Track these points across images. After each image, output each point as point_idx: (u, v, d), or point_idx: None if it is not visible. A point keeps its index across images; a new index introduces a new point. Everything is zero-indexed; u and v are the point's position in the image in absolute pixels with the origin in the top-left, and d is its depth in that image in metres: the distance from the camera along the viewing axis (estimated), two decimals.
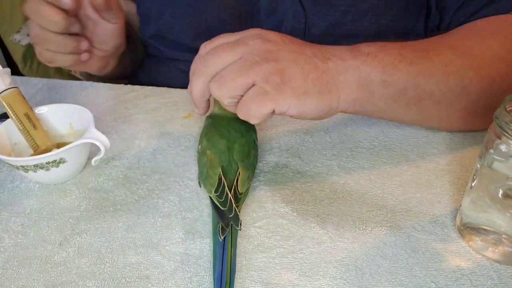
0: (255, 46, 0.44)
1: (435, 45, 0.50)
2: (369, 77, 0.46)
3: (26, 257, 0.43)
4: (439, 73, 0.48)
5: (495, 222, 0.40)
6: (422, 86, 0.48)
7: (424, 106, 0.50)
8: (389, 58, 0.46)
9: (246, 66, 0.42)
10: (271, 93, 0.42)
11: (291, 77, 0.43)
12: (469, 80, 0.49)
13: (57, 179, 0.50)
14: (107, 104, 0.65)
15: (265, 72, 0.42)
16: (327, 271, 0.40)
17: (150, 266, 0.41)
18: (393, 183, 0.49)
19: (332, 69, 0.45)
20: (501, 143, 0.37)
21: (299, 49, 0.45)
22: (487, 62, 0.50)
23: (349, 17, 0.60)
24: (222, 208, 0.43)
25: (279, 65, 0.43)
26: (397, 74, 0.46)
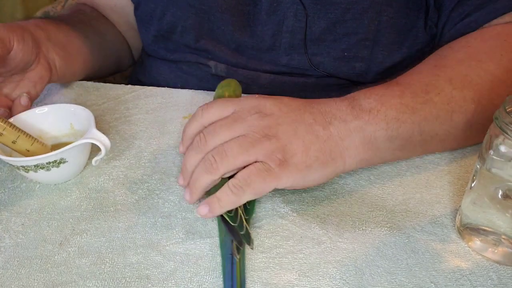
0: (253, 122, 0.43)
1: (433, 82, 0.49)
2: (374, 136, 0.45)
3: (26, 257, 0.43)
4: (442, 114, 0.48)
5: (494, 222, 0.40)
6: (426, 131, 0.48)
7: (429, 146, 0.50)
8: (391, 112, 0.46)
9: (247, 144, 0.42)
10: (274, 170, 0.42)
11: (293, 153, 0.42)
12: (472, 113, 0.49)
13: (58, 179, 0.50)
14: (108, 104, 0.65)
15: (267, 150, 0.42)
16: (327, 272, 0.40)
17: (150, 266, 0.41)
18: (392, 184, 0.49)
19: (334, 135, 0.44)
20: (500, 143, 0.37)
21: (299, 117, 0.44)
22: (487, 88, 0.49)
23: (350, 14, 0.60)
24: (232, 224, 0.42)
25: (280, 142, 0.42)
26: (401, 127, 0.46)
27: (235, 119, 0.44)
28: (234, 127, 0.43)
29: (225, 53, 0.66)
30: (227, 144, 0.42)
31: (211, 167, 0.42)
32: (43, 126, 0.54)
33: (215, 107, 0.46)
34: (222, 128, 0.44)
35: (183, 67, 0.71)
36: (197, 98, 0.65)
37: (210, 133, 0.44)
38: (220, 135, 0.43)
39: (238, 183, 0.41)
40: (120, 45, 0.80)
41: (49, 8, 1.43)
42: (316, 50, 0.62)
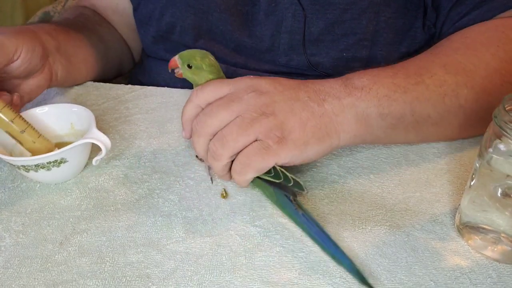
0: (250, 101, 0.44)
1: (427, 66, 0.50)
2: (366, 112, 0.46)
3: (27, 256, 0.43)
4: (434, 96, 0.48)
5: (494, 221, 0.40)
6: (418, 112, 0.48)
7: (423, 128, 0.50)
8: (383, 90, 0.47)
9: (245, 124, 0.43)
10: (273, 148, 0.43)
11: (291, 129, 0.43)
12: (465, 98, 0.49)
13: (58, 178, 0.50)
14: (108, 104, 0.65)
15: (265, 128, 0.43)
16: (327, 270, 0.40)
17: (151, 265, 0.41)
18: (392, 182, 0.49)
19: (329, 111, 0.45)
20: (500, 142, 0.37)
21: (293, 95, 0.45)
22: (481, 76, 0.50)
23: (348, 15, 0.60)
24: (277, 181, 0.44)
25: (278, 119, 0.43)
26: (393, 105, 0.47)
27: (232, 99, 0.44)
28: (231, 107, 0.44)
29: (224, 53, 0.66)
30: (226, 129, 0.43)
31: (216, 154, 0.44)
32: (44, 126, 0.54)
33: (210, 88, 0.46)
34: (219, 108, 0.44)
35: None
36: None
37: (207, 114, 0.44)
38: (218, 116, 0.44)
39: (239, 166, 0.43)
40: (121, 50, 0.80)
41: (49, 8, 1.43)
42: (315, 50, 0.63)
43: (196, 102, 0.46)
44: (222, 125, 0.44)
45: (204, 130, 0.44)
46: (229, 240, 0.43)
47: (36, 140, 0.50)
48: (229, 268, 0.41)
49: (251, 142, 0.43)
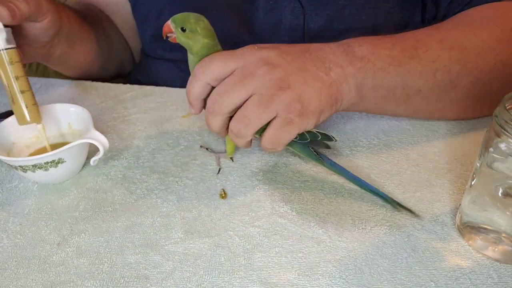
0: (265, 76, 0.44)
1: (424, 39, 0.51)
2: (362, 83, 0.48)
3: (24, 257, 0.43)
4: (426, 71, 0.50)
5: (495, 221, 0.39)
6: (410, 85, 0.50)
7: (413, 102, 0.52)
8: (379, 62, 0.48)
9: (265, 101, 0.43)
10: (295, 121, 0.44)
11: (309, 100, 0.44)
12: (456, 74, 0.50)
13: (56, 179, 0.50)
14: (106, 103, 0.65)
15: (285, 103, 0.43)
16: (326, 271, 0.40)
17: (149, 266, 0.41)
18: (392, 182, 0.49)
19: (335, 80, 0.46)
20: (500, 141, 0.36)
21: (302, 66, 0.46)
22: (475, 53, 0.51)
23: (347, 11, 0.60)
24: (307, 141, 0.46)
25: (295, 92, 0.44)
26: (386, 77, 0.49)
27: (245, 75, 0.44)
28: (246, 84, 0.43)
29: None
30: (247, 108, 0.43)
31: (240, 133, 0.44)
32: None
33: (216, 63, 0.45)
34: (235, 87, 0.43)
35: (182, 66, 0.70)
36: None
37: (222, 93, 0.44)
38: (234, 94, 0.43)
39: (269, 145, 0.45)
40: (123, 49, 0.80)
41: None
42: None
43: (203, 79, 0.45)
44: (239, 103, 0.44)
45: (221, 110, 0.44)
46: (228, 240, 0.43)
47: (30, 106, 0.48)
48: (228, 269, 0.41)
49: (273, 117, 0.44)
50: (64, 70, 0.70)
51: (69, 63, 0.68)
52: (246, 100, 0.44)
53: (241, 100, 0.44)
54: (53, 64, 0.66)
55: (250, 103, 0.44)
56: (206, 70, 0.45)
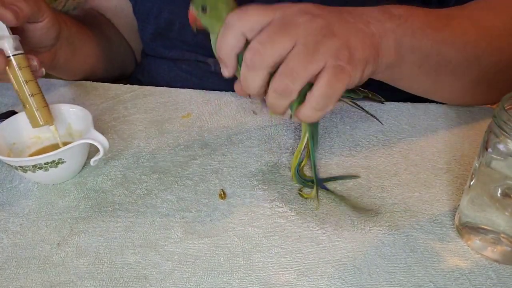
0: (307, 24, 0.40)
1: (455, 14, 0.52)
2: (401, 40, 0.45)
3: (24, 257, 0.43)
4: (458, 41, 0.50)
5: (494, 221, 0.39)
6: (442, 53, 0.49)
7: (442, 74, 0.52)
8: (418, 23, 0.47)
9: (311, 50, 0.39)
10: (346, 69, 0.40)
11: (355, 48, 0.41)
12: (483, 50, 0.51)
13: (56, 179, 0.50)
14: (106, 104, 0.65)
15: (333, 50, 0.40)
16: (325, 271, 0.40)
17: (148, 266, 0.41)
18: (391, 182, 0.49)
19: (375, 33, 0.44)
20: (499, 142, 0.36)
21: (341, 18, 0.43)
22: (499, 34, 0.52)
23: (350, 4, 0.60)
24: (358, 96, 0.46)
25: (341, 39, 0.40)
26: (423, 39, 0.47)
27: (286, 23, 0.40)
28: (290, 32, 0.39)
29: None
30: (292, 60, 0.39)
31: (286, 90, 0.40)
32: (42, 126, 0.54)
33: (253, 12, 0.41)
34: (277, 35, 0.39)
35: (183, 66, 0.71)
36: (196, 97, 0.65)
37: (263, 42, 0.39)
38: (278, 43, 0.39)
39: (323, 99, 0.40)
40: (125, 51, 0.81)
41: None
42: None
43: (240, 29, 0.40)
44: (283, 54, 0.39)
45: (263, 63, 0.39)
46: (227, 241, 0.43)
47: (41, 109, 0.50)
48: (227, 269, 0.41)
49: (321, 68, 0.39)
50: (70, 76, 0.71)
51: (73, 68, 0.69)
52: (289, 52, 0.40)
53: (286, 50, 0.39)
54: (60, 71, 0.67)
55: (295, 53, 0.39)
56: (243, 18, 0.40)
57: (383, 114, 0.58)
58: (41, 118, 0.50)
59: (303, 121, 0.43)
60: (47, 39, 0.57)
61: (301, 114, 0.41)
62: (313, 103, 0.40)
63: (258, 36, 0.40)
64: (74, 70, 0.69)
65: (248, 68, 0.40)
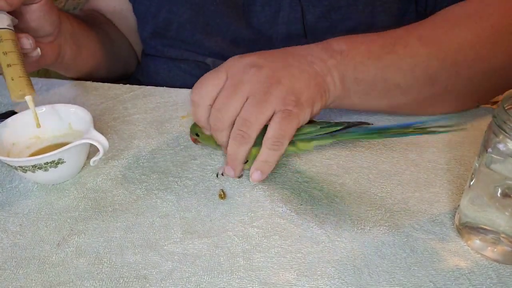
0: (253, 78, 0.45)
1: (404, 36, 0.52)
2: (344, 75, 0.49)
3: (24, 257, 0.43)
4: (405, 66, 0.51)
5: (494, 221, 0.39)
6: (389, 79, 0.51)
7: (394, 96, 0.53)
8: (358, 57, 0.50)
9: (261, 100, 0.44)
10: (294, 112, 0.45)
11: (300, 91, 0.46)
12: (435, 70, 0.51)
13: (56, 179, 0.50)
14: (106, 104, 0.65)
15: (279, 97, 0.44)
16: (325, 271, 0.40)
17: (148, 266, 0.41)
18: (391, 183, 0.49)
19: (319, 71, 0.48)
20: (499, 142, 0.36)
21: (285, 62, 0.47)
22: (454, 50, 0.52)
23: (343, 1, 0.60)
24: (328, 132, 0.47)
25: (286, 86, 0.45)
26: (366, 71, 0.50)
27: (235, 84, 0.45)
28: (238, 91, 0.45)
29: (221, 46, 0.66)
30: (245, 112, 0.44)
31: (243, 139, 0.45)
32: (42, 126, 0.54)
33: (207, 83, 0.46)
34: (229, 98, 0.45)
35: (182, 66, 0.71)
36: None
37: (220, 109, 0.45)
38: (231, 105, 0.45)
39: (276, 140, 0.44)
40: (127, 50, 0.81)
41: None
42: (313, 37, 0.62)
43: (204, 103, 0.47)
44: (237, 112, 0.45)
45: (224, 125, 0.46)
46: (227, 241, 0.43)
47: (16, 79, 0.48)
48: (227, 269, 0.41)
49: (271, 115, 0.45)
50: (74, 73, 0.71)
51: (78, 66, 0.69)
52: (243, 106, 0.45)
53: (238, 108, 0.45)
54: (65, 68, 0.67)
55: (247, 106, 0.45)
56: (203, 95, 0.46)
57: (383, 114, 0.58)
58: (15, 87, 0.47)
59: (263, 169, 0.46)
60: (45, 23, 0.56)
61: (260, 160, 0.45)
62: (268, 145, 0.45)
63: (215, 104, 0.46)
64: (79, 67, 0.70)
65: (214, 131, 0.47)
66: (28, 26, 0.56)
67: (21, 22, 0.55)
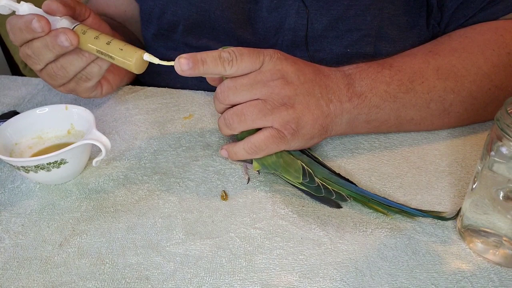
0: (275, 89, 0.46)
1: (422, 69, 0.52)
2: (356, 118, 0.51)
3: (26, 257, 0.43)
4: (420, 102, 0.52)
5: (496, 224, 0.39)
6: (402, 116, 0.52)
7: (405, 128, 0.55)
8: (376, 99, 0.50)
9: (266, 110, 0.46)
10: (286, 138, 0.47)
11: (304, 125, 0.47)
12: (450, 103, 0.52)
13: (58, 179, 0.50)
14: (108, 104, 0.65)
15: (283, 119, 0.46)
16: (327, 273, 0.40)
17: (150, 267, 0.41)
18: (393, 185, 0.49)
19: (332, 112, 0.49)
20: (502, 145, 0.37)
21: (311, 90, 0.48)
22: (470, 80, 0.52)
23: (352, 11, 0.60)
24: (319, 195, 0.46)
25: (296, 113, 0.46)
26: (380, 113, 0.51)
27: (257, 80, 0.46)
28: (254, 89, 0.46)
29: None
30: (247, 107, 0.46)
31: (230, 125, 0.47)
32: (44, 127, 0.54)
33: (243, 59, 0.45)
34: (243, 88, 0.46)
35: None
36: (197, 98, 0.65)
37: (231, 88, 0.46)
38: (240, 94, 0.46)
39: (253, 147, 0.47)
40: None
41: None
42: (318, 46, 0.62)
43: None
44: (241, 102, 0.46)
45: (225, 101, 0.47)
46: (229, 242, 0.43)
47: (123, 47, 0.49)
48: (229, 271, 0.41)
49: (267, 127, 0.46)
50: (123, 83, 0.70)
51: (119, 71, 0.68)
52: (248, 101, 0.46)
53: (244, 100, 0.46)
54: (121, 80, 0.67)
55: (252, 104, 0.46)
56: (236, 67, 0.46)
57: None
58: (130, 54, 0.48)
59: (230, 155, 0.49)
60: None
61: (233, 147, 0.48)
62: (246, 146, 0.47)
63: (231, 80, 0.46)
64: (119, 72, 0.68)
65: (215, 97, 0.48)
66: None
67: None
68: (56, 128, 0.54)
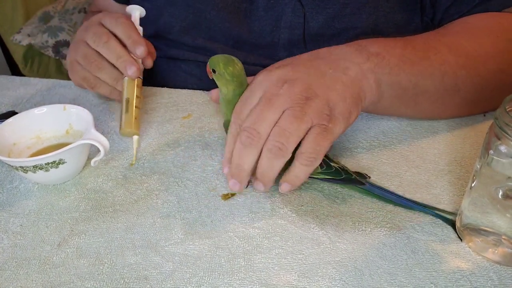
0: (289, 93, 0.43)
1: (434, 43, 0.52)
2: (380, 79, 0.48)
3: (24, 258, 0.43)
4: (435, 72, 0.51)
5: (495, 223, 0.39)
6: (420, 86, 0.50)
7: (420, 103, 0.53)
8: (394, 60, 0.49)
9: (299, 112, 0.42)
10: (329, 127, 0.43)
11: (335, 105, 0.44)
12: (462, 79, 0.52)
13: (57, 179, 0.50)
14: (107, 104, 0.65)
15: (317, 111, 0.43)
16: (326, 272, 0.40)
17: (149, 267, 0.41)
18: (392, 184, 0.49)
19: (354, 79, 0.46)
20: (501, 144, 0.36)
21: (318, 72, 0.45)
22: (479, 61, 0.52)
23: (348, 9, 0.60)
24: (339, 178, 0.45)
25: (322, 98, 0.43)
26: (400, 74, 0.49)
27: (270, 98, 0.43)
28: (274, 106, 0.43)
29: (223, 50, 0.66)
30: (282, 123, 0.42)
31: (280, 151, 0.42)
32: (42, 127, 0.54)
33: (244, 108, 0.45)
34: (264, 113, 0.43)
35: (182, 66, 0.71)
36: (196, 98, 0.65)
37: (255, 121, 0.43)
38: (268, 116, 0.42)
39: (310, 156, 0.42)
40: None
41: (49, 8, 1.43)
42: (315, 45, 0.62)
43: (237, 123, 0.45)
44: (274, 123, 0.42)
45: (260, 137, 0.42)
46: (228, 242, 0.43)
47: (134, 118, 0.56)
48: (228, 270, 0.41)
49: (308, 128, 0.43)
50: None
51: None
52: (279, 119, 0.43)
53: (275, 120, 0.42)
54: None
55: (285, 117, 0.42)
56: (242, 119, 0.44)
57: (384, 115, 0.58)
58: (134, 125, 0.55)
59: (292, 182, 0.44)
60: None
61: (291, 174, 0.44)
62: (302, 160, 0.43)
63: (248, 118, 0.43)
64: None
65: (244, 146, 0.43)
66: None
67: None
68: (54, 128, 0.54)
